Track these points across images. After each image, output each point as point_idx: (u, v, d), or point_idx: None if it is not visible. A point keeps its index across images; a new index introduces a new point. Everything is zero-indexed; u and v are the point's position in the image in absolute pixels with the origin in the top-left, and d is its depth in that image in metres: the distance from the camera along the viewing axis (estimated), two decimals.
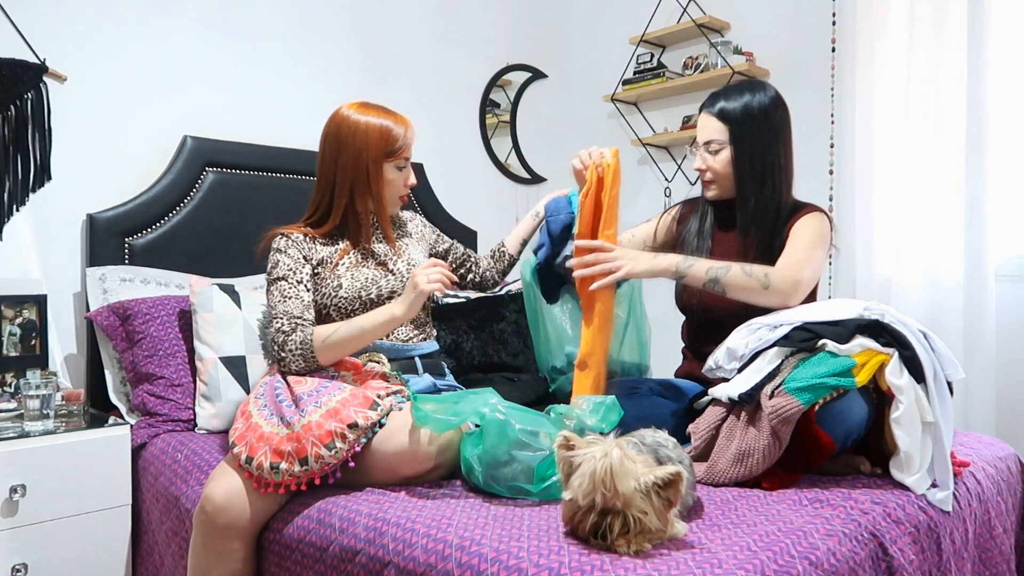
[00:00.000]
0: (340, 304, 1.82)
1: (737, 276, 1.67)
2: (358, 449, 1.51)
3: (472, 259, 2.18)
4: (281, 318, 1.74)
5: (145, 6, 2.51)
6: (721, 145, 1.84)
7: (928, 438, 1.45)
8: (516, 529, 1.24)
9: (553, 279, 1.99)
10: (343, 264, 1.85)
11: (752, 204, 1.84)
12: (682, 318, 2.04)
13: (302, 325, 1.73)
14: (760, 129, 1.82)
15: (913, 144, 2.63)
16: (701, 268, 1.69)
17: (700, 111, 1.91)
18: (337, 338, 1.69)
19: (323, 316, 1.84)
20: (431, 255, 2.08)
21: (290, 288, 1.78)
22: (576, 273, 1.74)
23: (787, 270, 1.69)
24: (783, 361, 1.53)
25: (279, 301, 1.76)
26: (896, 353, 1.46)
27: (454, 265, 2.14)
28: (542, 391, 2.44)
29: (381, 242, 1.94)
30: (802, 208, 1.85)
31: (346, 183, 1.85)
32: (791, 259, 1.73)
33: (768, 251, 1.82)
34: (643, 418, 1.65)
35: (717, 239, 1.94)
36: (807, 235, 1.78)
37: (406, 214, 2.13)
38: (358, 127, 1.85)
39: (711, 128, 1.85)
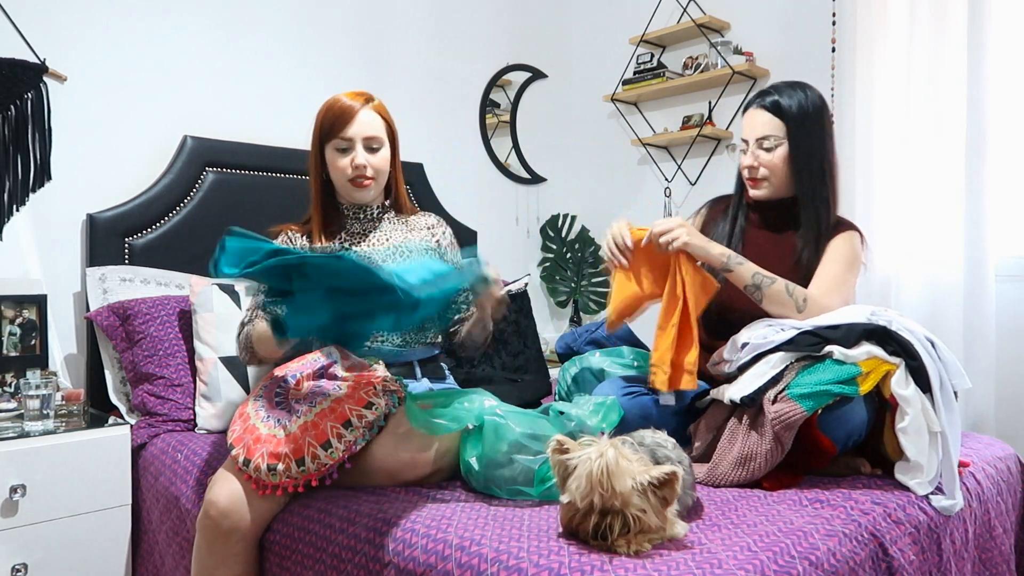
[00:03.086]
0: None
1: (779, 291, 1.65)
2: (355, 450, 1.51)
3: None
4: (249, 311, 1.74)
5: (145, 6, 2.51)
6: (778, 141, 1.79)
7: (935, 447, 1.45)
8: (516, 529, 1.24)
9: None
10: None
11: (813, 202, 1.80)
12: None
13: (257, 318, 1.71)
14: (815, 129, 1.79)
15: (913, 144, 2.62)
16: (748, 270, 1.67)
17: (747, 107, 1.86)
18: (257, 332, 1.66)
19: None
20: None
21: None
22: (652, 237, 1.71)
23: (822, 299, 1.66)
24: (787, 366, 1.52)
25: (254, 294, 1.73)
26: (903, 363, 1.45)
27: None
28: (543, 391, 2.44)
29: (382, 244, 1.86)
30: (840, 224, 1.82)
31: (310, 171, 1.83)
32: (826, 287, 1.70)
33: (807, 258, 1.79)
34: (643, 418, 1.65)
35: (750, 241, 1.91)
36: (842, 260, 1.75)
37: (428, 219, 1.98)
38: (321, 107, 1.81)
39: (766, 124, 1.80)
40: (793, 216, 1.85)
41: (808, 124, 1.79)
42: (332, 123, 1.77)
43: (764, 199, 1.88)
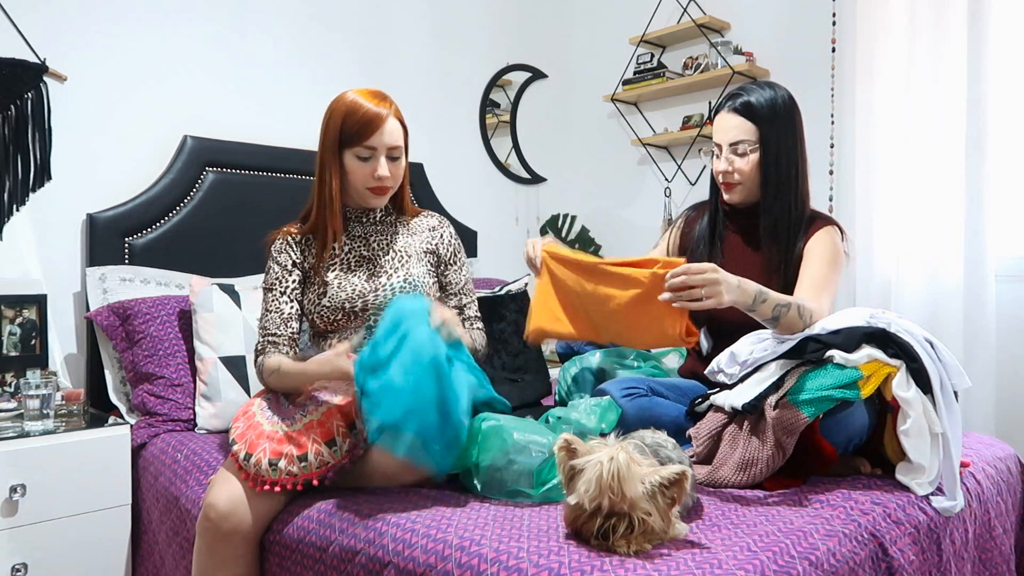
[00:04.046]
0: (323, 313, 1.72)
1: (793, 318, 1.57)
2: (359, 454, 1.50)
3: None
4: (260, 334, 1.71)
5: (145, 6, 2.51)
6: (752, 146, 1.77)
7: (936, 448, 1.44)
8: (516, 529, 1.24)
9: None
10: (332, 270, 1.74)
11: (776, 212, 1.79)
12: None
13: (271, 344, 1.68)
14: (786, 129, 1.77)
15: (913, 144, 2.62)
16: (770, 305, 1.56)
17: (718, 110, 1.83)
18: (279, 374, 1.62)
19: (310, 321, 1.77)
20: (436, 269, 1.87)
21: (273, 300, 1.72)
22: (664, 297, 1.49)
23: (819, 311, 1.63)
24: (788, 371, 1.51)
25: (263, 313, 1.73)
26: (903, 365, 1.44)
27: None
28: (543, 391, 2.44)
29: (382, 248, 1.80)
30: (815, 219, 1.81)
31: (318, 171, 1.74)
32: (814, 294, 1.67)
33: (786, 262, 1.78)
34: (642, 419, 1.65)
35: (728, 247, 1.90)
36: (824, 261, 1.73)
37: (430, 220, 1.89)
38: (335, 107, 1.70)
39: (739, 127, 1.77)
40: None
41: (779, 125, 1.77)
42: (357, 130, 1.66)
43: (738, 203, 1.87)
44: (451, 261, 1.87)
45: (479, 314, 1.91)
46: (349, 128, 1.67)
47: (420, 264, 1.81)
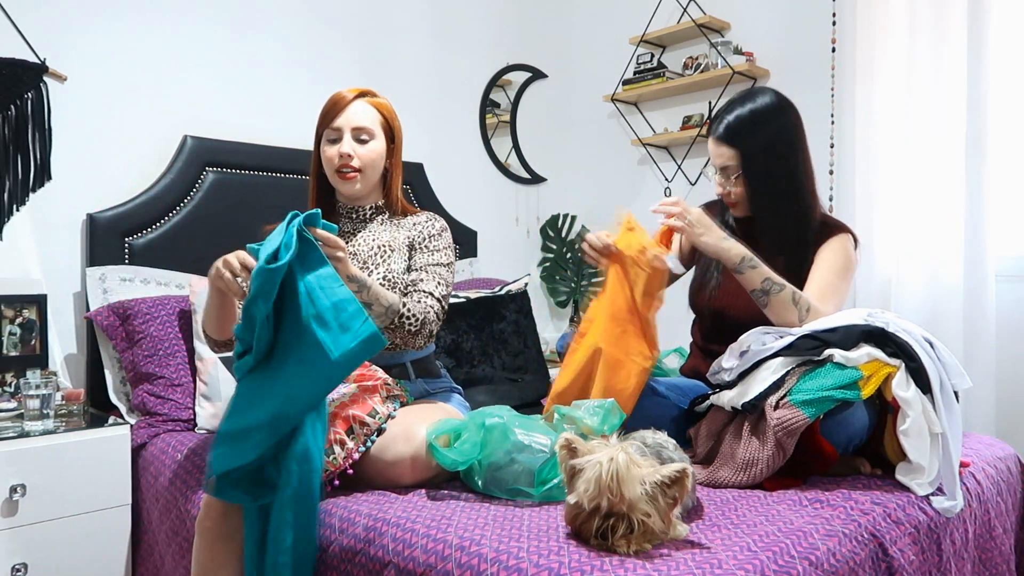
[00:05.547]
0: None
1: (785, 299, 1.61)
2: (356, 457, 1.50)
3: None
4: None
5: (145, 6, 2.51)
6: (736, 172, 1.79)
7: (936, 448, 1.44)
8: (516, 529, 1.24)
9: None
10: None
11: (777, 225, 1.79)
12: (691, 315, 2.02)
13: None
14: (771, 139, 1.76)
15: (913, 144, 2.62)
16: (759, 275, 1.62)
17: (708, 133, 1.84)
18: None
19: None
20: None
21: None
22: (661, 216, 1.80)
23: (818, 309, 1.64)
24: (788, 371, 1.51)
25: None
26: (903, 365, 1.44)
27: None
28: (543, 391, 2.44)
29: (367, 245, 1.80)
30: (831, 228, 1.80)
31: (311, 167, 1.87)
32: (821, 294, 1.68)
33: (794, 272, 1.76)
34: (643, 419, 1.65)
35: None
36: (833, 268, 1.73)
37: (420, 217, 1.87)
38: None
39: (723, 155, 1.79)
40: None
41: (760, 137, 1.76)
42: (326, 113, 1.78)
43: (743, 217, 1.88)
44: (422, 246, 1.81)
45: (435, 292, 1.75)
46: (322, 113, 1.79)
47: (401, 259, 1.80)
